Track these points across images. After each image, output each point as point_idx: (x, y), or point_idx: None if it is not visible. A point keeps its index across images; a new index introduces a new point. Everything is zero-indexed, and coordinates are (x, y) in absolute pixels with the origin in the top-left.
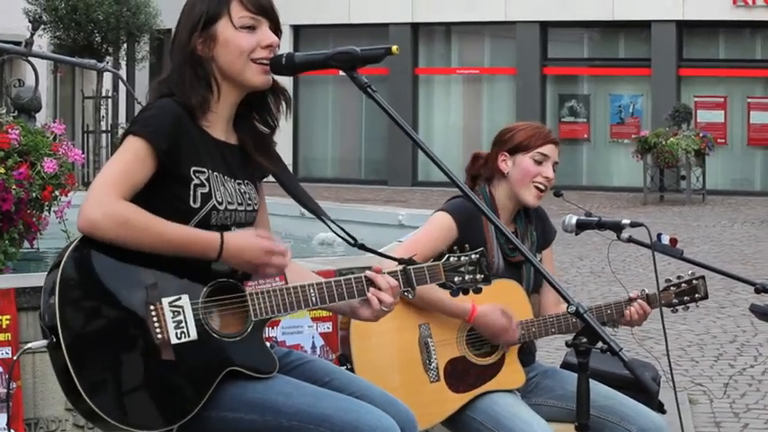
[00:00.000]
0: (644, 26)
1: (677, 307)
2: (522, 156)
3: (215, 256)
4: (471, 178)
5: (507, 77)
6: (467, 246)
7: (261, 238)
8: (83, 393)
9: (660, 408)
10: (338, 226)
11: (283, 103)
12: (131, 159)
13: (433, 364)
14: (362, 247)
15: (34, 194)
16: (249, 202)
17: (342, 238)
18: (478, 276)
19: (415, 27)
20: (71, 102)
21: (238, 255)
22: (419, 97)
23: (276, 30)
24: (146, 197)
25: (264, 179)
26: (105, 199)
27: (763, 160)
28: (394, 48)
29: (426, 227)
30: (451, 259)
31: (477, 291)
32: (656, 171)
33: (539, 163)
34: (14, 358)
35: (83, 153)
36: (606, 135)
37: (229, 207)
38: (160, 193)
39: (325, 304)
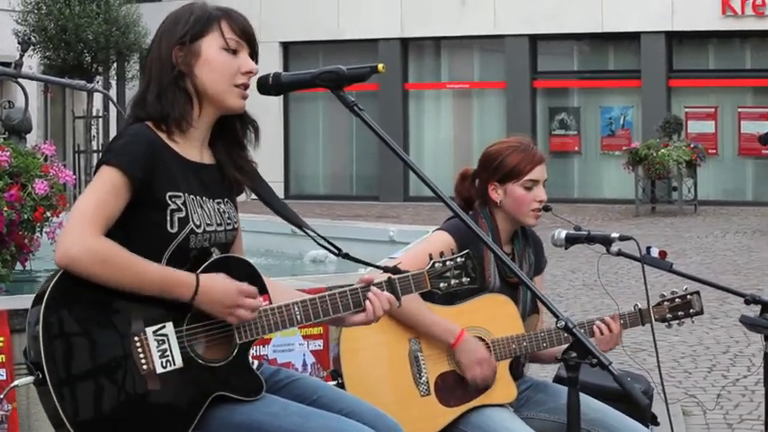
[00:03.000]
0: (633, 38)
1: (671, 322)
2: (512, 185)
3: (190, 295)
4: (464, 201)
5: (497, 91)
6: (453, 249)
7: (234, 280)
8: (70, 429)
9: (653, 420)
10: (322, 237)
11: (252, 133)
12: (107, 190)
13: (423, 378)
14: (347, 257)
15: (26, 216)
16: (228, 221)
17: (326, 248)
18: (464, 280)
19: (405, 42)
20: (62, 122)
21: (211, 293)
22: (409, 112)
23: (254, 58)
24: (123, 224)
25: (246, 197)
26: (85, 234)
27: (754, 170)
28: (380, 66)
29: (424, 244)
30: (437, 265)
31: (465, 294)
32: (647, 183)
33: (530, 189)
34: (1, 395)
35: (74, 173)
36: (597, 147)
37: (208, 229)
38: (137, 220)
39: (310, 321)
